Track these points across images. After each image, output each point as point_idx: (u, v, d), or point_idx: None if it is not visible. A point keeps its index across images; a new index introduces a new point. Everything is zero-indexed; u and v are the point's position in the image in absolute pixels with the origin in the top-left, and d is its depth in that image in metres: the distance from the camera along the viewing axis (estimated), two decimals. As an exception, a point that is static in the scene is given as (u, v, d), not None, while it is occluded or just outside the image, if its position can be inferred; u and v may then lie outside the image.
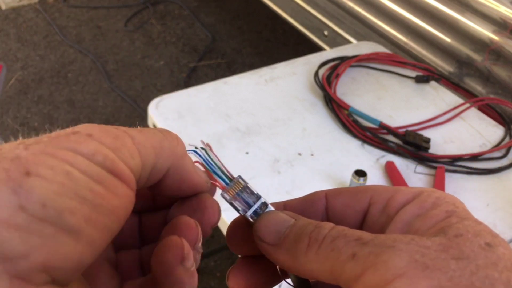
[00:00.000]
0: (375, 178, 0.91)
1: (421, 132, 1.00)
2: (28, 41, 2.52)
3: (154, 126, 1.01)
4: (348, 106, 1.03)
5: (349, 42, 1.58)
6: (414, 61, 1.32)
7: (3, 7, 2.74)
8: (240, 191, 0.27)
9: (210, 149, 0.27)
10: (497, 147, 0.99)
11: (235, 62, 2.44)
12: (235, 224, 0.28)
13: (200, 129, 0.99)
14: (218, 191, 0.28)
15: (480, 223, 0.22)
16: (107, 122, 2.08)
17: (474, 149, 0.99)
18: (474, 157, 0.96)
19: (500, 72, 1.21)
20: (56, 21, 2.66)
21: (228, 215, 0.74)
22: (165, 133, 0.24)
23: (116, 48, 2.51)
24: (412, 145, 0.96)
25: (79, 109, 2.13)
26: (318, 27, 1.72)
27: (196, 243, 0.25)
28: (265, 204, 0.27)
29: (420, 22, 1.39)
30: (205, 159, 0.27)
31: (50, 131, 0.22)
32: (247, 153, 0.94)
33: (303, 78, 1.16)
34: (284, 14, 1.89)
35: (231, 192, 0.27)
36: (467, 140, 1.01)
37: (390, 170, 0.91)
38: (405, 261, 0.20)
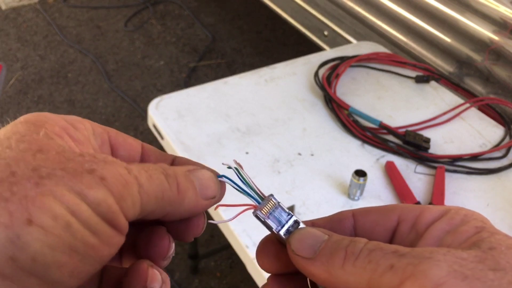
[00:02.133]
0: (375, 178, 0.91)
1: (421, 132, 1.00)
2: (28, 41, 2.52)
3: (154, 126, 1.01)
4: (348, 106, 1.03)
5: (349, 42, 1.59)
6: (414, 61, 1.32)
7: (3, 7, 2.74)
8: (272, 209, 0.28)
9: (241, 168, 0.28)
10: (497, 147, 0.99)
11: (235, 62, 2.44)
12: (266, 242, 0.28)
13: (200, 129, 0.99)
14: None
15: (510, 237, 0.23)
16: (107, 122, 2.08)
17: (474, 149, 0.99)
18: (474, 157, 0.96)
19: (500, 72, 1.21)
20: (56, 21, 2.66)
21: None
22: (170, 180, 0.25)
23: (116, 48, 2.51)
24: (412, 145, 0.96)
25: (79, 109, 2.13)
26: (318, 27, 1.72)
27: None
28: (297, 222, 0.27)
29: (420, 22, 1.39)
30: (236, 179, 0.28)
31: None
32: (247, 153, 0.94)
33: (303, 78, 1.16)
34: (284, 14, 1.89)
35: (264, 211, 0.27)
36: (467, 140, 1.01)
37: (390, 170, 0.91)
38: (444, 271, 0.20)
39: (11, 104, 2.15)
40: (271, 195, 0.28)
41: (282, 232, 0.27)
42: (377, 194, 0.88)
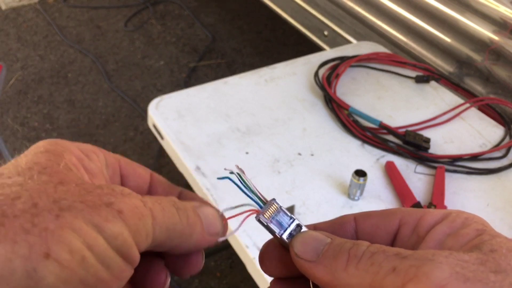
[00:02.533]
0: (375, 178, 0.91)
1: (421, 132, 1.00)
2: (28, 41, 2.52)
3: (154, 126, 1.01)
4: (348, 106, 1.03)
5: (349, 42, 1.59)
6: (414, 61, 1.32)
7: (3, 7, 2.74)
8: (275, 213, 0.28)
9: (243, 174, 0.28)
10: (497, 147, 0.99)
11: (235, 62, 2.44)
12: (268, 246, 0.29)
13: (200, 129, 0.99)
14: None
15: (510, 240, 0.24)
16: (107, 122, 2.08)
17: (474, 149, 0.99)
18: (474, 157, 0.96)
19: (500, 72, 1.21)
20: (56, 21, 2.66)
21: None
22: (180, 213, 0.26)
23: (116, 48, 2.51)
24: (412, 145, 0.96)
25: (79, 109, 2.13)
26: (318, 27, 1.72)
27: None
28: (299, 226, 0.28)
29: (420, 22, 1.39)
30: (239, 183, 0.28)
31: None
32: (247, 153, 0.94)
33: (303, 78, 1.16)
34: (284, 14, 1.89)
35: (267, 215, 0.28)
36: (467, 140, 1.01)
37: (390, 170, 0.91)
38: (446, 273, 0.20)
39: (11, 104, 2.15)
40: (273, 199, 0.28)
41: (285, 236, 0.27)
42: (377, 194, 0.88)
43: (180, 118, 1.01)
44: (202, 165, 0.90)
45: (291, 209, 0.84)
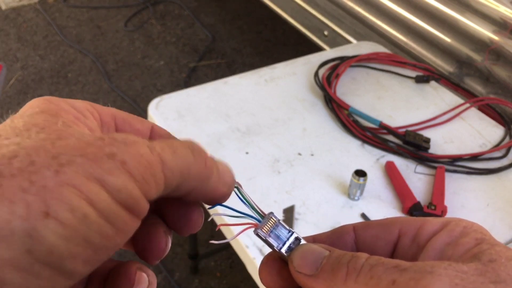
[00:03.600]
0: (375, 178, 0.91)
1: (421, 132, 1.00)
2: (28, 41, 2.52)
3: (154, 126, 1.01)
4: (348, 106, 1.03)
5: (349, 42, 1.58)
6: (414, 61, 1.32)
7: (3, 7, 2.74)
8: (273, 227, 0.28)
9: (241, 187, 0.28)
10: (497, 147, 0.99)
11: (235, 62, 2.44)
12: (268, 260, 0.28)
13: (200, 129, 0.99)
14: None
15: (509, 249, 0.23)
16: (107, 122, 2.08)
17: (474, 149, 0.99)
18: (474, 157, 0.96)
19: (500, 72, 1.21)
20: (56, 21, 2.66)
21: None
22: (195, 153, 0.25)
23: (116, 48, 2.51)
24: (412, 145, 0.96)
25: (79, 109, 2.12)
26: (318, 27, 1.72)
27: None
28: (298, 239, 0.28)
29: (420, 22, 1.39)
30: (238, 197, 0.28)
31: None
32: (247, 153, 0.94)
33: (303, 78, 1.16)
34: (284, 14, 1.89)
35: (265, 229, 0.28)
36: (467, 140, 1.01)
37: (390, 170, 0.91)
38: (446, 285, 0.20)
39: (11, 104, 2.15)
40: (271, 213, 0.28)
41: (283, 250, 0.27)
42: (377, 194, 0.88)
43: (180, 118, 1.01)
44: (202, 165, 0.90)
45: (291, 209, 0.84)
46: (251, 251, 0.77)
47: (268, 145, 0.96)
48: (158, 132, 0.29)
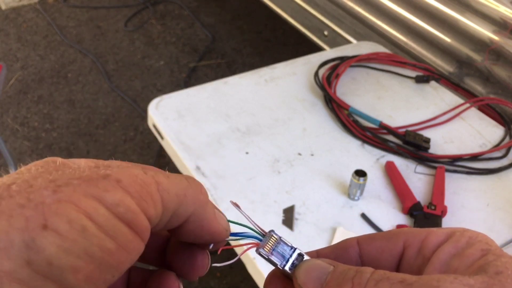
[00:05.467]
0: (375, 178, 0.91)
1: (421, 132, 1.00)
2: (28, 41, 2.52)
3: (154, 126, 1.01)
4: (348, 106, 1.03)
5: (349, 42, 1.58)
6: (414, 61, 1.32)
7: (3, 7, 2.74)
8: (275, 245, 0.28)
9: (239, 208, 0.28)
10: (497, 147, 0.99)
11: (235, 62, 2.44)
12: (272, 277, 0.28)
13: (200, 129, 0.99)
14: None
15: None
16: (107, 122, 2.08)
17: (474, 149, 0.99)
18: (474, 157, 0.96)
19: (500, 72, 1.21)
20: (56, 21, 2.66)
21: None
22: (190, 181, 0.25)
23: (116, 48, 2.51)
24: (412, 145, 0.96)
25: (79, 109, 2.13)
26: (318, 27, 1.72)
27: None
28: (301, 255, 0.27)
29: (420, 22, 1.39)
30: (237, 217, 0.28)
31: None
32: (247, 153, 0.94)
33: (303, 78, 1.16)
34: (284, 14, 1.89)
35: (267, 248, 0.28)
36: (467, 140, 1.01)
37: (390, 170, 0.91)
38: None
39: (11, 104, 2.15)
40: (272, 230, 0.28)
41: (287, 267, 0.27)
42: (377, 194, 0.88)
43: (180, 118, 1.01)
44: (202, 165, 0.90)
45: (291, 209, 0.84)
46: (251, 251, 0.77)
47: (268, 145, 0.96)
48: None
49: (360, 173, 0.85)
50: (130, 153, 1.94)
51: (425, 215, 0.83)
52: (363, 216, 0.84)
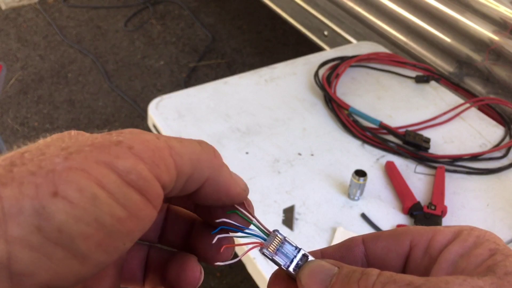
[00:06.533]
0: (375, 178, 0.91)
1: (421, 132, 1.00)
2: (28, 41, 2.52)
3: (154, 126, 1.01)
4: (348, 106, 1.03)
5: (349, 42, 1.58)
6: (414, 61, 1.32)
7: (3, 7, 2.74)
8: (279, 245, 0.27)
9: (241, 209, 0.28)
10: (497, 147, 0.99)
11: (235, 62, 2.44)
12: (276, 278, 0.28)
13: (200, 129, 0.99)
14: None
15: None
16: (107, 122, 2.08)
17: (474, 149, 0.99)
18: (474, 157, 0.96)
19: (500, 72, 1.21)
20: (56, 21, 2.66)
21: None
22: (203, 145, 0.25)
23: (116, 48, 2.51)
24: (412, 145, 0.96)
25: (79, 109, 2.13)
26: (318, 27, 1.72)
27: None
28: (305, 256, 0.27)
29: (420, 22, 1.39)
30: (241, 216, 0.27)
31: (50, 132, 0.23)
32: (247, 153, 0.94)
33: (303, 78, 1.16)
34: (284, 14, 1.89)
35: (271, 248, 0.27)
36: (467, 140, 1.01)
37: (390, 170, 0.91)
38: None
39: (11, 104, 2.15)
40: (276, 230, 0.27)
41: (291, 268, 0.26)
42: (377, 194, 0.88)
43: (180, 118, 1.01)
44: (202, 165, 0.90)
45: (291, 209, 0.84)
46: (252, 251, 0.77)
47: (268, 145, 0.96)
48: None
49: (360, 173, 0.85)
50: (130, 153, 1.94)
51: (425, 215, 0.83)
52: (363, 216, 0.84)
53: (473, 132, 1.04)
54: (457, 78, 1.30)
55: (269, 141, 0.97)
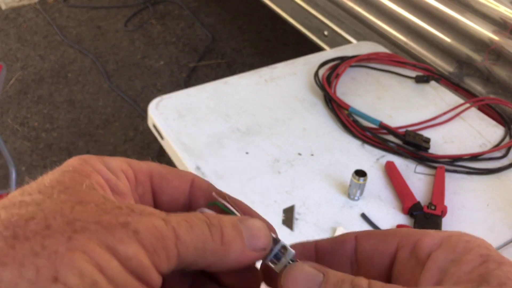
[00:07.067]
0: (375, 178, 0.91)
1: (421, 132, 1.00)
2: (28, 41, 2.52)
3: (154, 126, 1.01)
4: (348, 106, 1.03)
5: (349, 42, 1.58)
6: (414, 61, 1.32)
7: (3, 7, 2.74)
8: None
9: (225, 197, 0.28)
10: (497, 147, 0.99)
11: (235, 62, 2.44)
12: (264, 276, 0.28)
13: (200, 129, 0.99)
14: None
15: None
16: (107, 122, 2.08)
17: (474, 149, 0.99)
18: (474, 157, 0.96)
19: (500, 72, 1.21)
20: (56, 21, 2.66)
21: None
22: (213, 230, 0.24)
23: (116, 48, 2.51)
24: (412, 145, 0.96)
25: (79, 109, 2.13)
26: (318, 27, 1.72)
27: None
28: (284, 248, 0.26)
29: (420, 22, 1.39)
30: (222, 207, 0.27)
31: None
32: (247, 153, 0.94)
33: (303, 78, 1.16)
34: (284, 14, 1.89)
35: None
36: (467, 140, 1.01)
37: (390, 170, 0.91)
38: None
39: (11, 104, 2.15)
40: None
41: (269, 259, 0.26)
42: (377, 194, 0.88)
43: (180, 118, 1.01)
44: (202, 165, 0.90)
45: (291, 209, 0.84)
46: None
47: (268, 145, 0.96)
48: (198, 185, 0.29)
49: (360, 173, 0.85)
50: (130, 153, 1.94)
51: (425, 215, 0.83)
52: (363, 216, 0.84)
53: (473, 132, 1.04)
54: (457, 78, 1.30)
55: (269, 141, 0.97)
